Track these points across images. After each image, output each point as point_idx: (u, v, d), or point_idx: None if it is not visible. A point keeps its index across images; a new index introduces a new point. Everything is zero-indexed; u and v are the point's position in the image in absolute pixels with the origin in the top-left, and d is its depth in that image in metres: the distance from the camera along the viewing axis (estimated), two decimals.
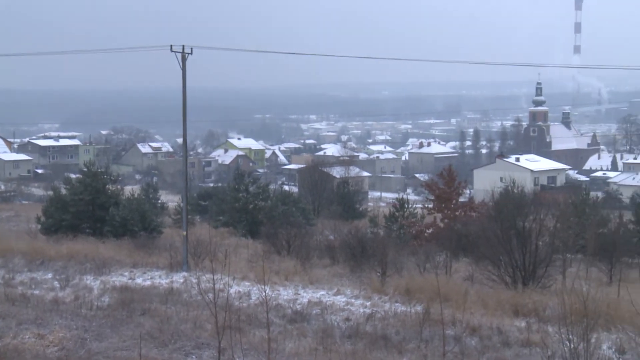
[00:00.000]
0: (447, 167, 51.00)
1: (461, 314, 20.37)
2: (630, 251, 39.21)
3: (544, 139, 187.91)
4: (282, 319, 20.41)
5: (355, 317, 20.97)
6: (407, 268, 30.27)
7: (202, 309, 19.84)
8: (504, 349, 17.73)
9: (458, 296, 22.63)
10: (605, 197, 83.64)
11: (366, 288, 25.36)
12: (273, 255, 33.69)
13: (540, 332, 18.74)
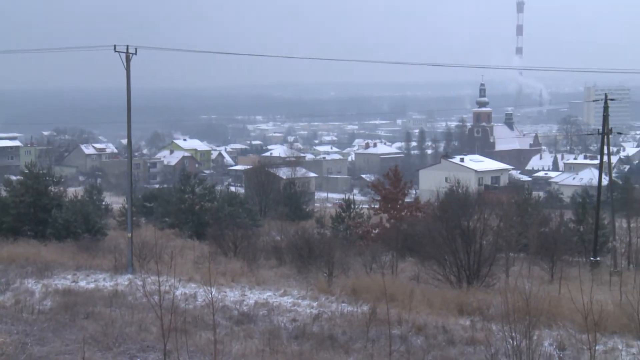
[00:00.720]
0: (393, 167, 51.36)
1: (407, 314, 20.54)
2: (570, 249, 39.94)
3: (487, 140, 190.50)
4: (229, 321, 20.32)
5: (302, 317, 20.98)
6: (353, 268, 30.39)
7: (148, 312, 19.64)
8: (449, 347, 17.92)
9: (404, 296, 22.81)
10: (547, 197, 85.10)
11: (313, 288, 25.40)
12: (219, 256, 33.52)
13: (484, 330, 18.98)
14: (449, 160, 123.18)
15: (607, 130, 44.80)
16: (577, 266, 37.29)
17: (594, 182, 69.05)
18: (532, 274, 34.22)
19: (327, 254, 29.74)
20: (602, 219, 45.03)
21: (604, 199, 47.96)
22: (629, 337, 18.06)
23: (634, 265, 40.37)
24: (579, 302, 15.78)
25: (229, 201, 51.36)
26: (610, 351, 17.60)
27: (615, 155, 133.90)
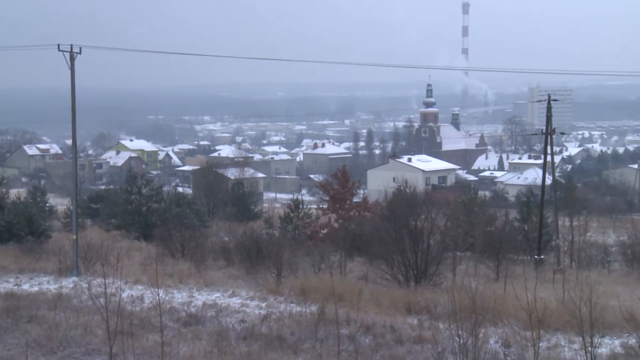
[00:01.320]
0: (341, 167, 51.50)
1: (355, 313, 20.64)
2: (515, 248, 40.55)
3: (434, 140, 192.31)
4: (176, 322, 20.16)
5: (251, 318, 20.93)
6: (302, 268, 30.41)
7: (93, 314, 19.38)
8: (396, 346, 18.05)
9: (352, 295, 22.91)
10: (493, 196, 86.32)
11: (261, 289, 25.36)
12: (167, 257, 33.24)
13: (432, 329, 19.18)
14: (396, 160, 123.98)
15: (550, 130, 45.59)
16: (521, 264, 37.87)
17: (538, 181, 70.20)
18: (478, 273, 34.64)
19: (276, 254, 29.72)
20: (546, 217, 45.80)
21: (548, 198, 48.79)
22: (571, 334, 18.41)
23: (576, 262, 41.16)
24: (524, 300, 16.02)
25: (177, 202, 50.96)
26: (554, 347, 17.93)
27: (558, 155, 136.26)
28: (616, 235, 51.70)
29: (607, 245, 45.26)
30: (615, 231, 55.14)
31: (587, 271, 34.34)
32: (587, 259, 41.37)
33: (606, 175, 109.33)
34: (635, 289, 28.04)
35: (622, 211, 73.26)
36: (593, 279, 25.55)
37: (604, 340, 17.92)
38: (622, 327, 18.80)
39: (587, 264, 40.04)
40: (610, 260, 41.91)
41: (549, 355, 17.16)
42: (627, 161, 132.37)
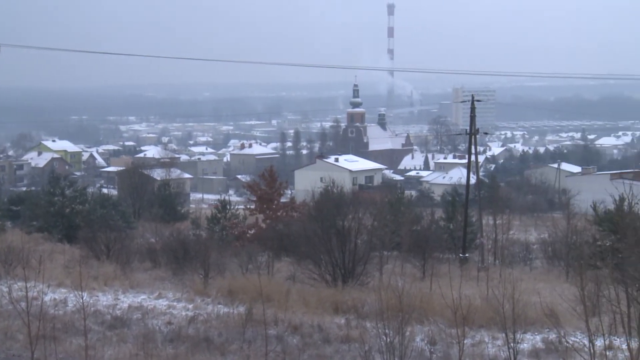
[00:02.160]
0: (269, 168, 51.40)
1: (283, 313, 20.63)
2: (441, 247, 41.15)
3: (361, 140, 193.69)
4: (101, 326, 19.82)
5: (178, 320, 20.72)
6: (229, 269, 30.26)
7: (14, 319, 18.88)
8: (324, 345, 18.11)
9: (280, 296, 22.90)
10: (419, 196, 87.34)
11: (189, 290, 25.14)
12: (91, 260, 32.62)
13: (359, 328, 19.31)
14: (323, 160, 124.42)
15: (474, 130, 46.45)
16: (447, 263, 38.48)
17: (462, 180, 71.35)
18: (404, 272, 35.03)
19: (203, 255, 29.48)
20: (471, 216, 46.62)
21: (472, 197, 49.68)
22: (495, 330, 18.79)
23: (499, 260, 42.01)
24: (449, 298, 16.28)
25: (102, 203, 50.06)
26: (478, 344, 18.27)
27: (482, 154, 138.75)
28: (537, 233, 52.95)
29: (529, 243, 46.34)
30: (537, 229, 56.45)
31: (510, 269, 35.12)
32: (510, 257, 42.27)
33: (528, 174, 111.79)
34: (555, 286, 28.78)
35: (543, 209, 75.02)
36: (516, 276, 26.13)
37: (526, 336, 18.33)
38: (543, 322, 19.27)
39: (510, 261, 40.92)
40: (532, 258, 42.92)
41: (473, 351, 17.47)
42: (548, 160, 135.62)
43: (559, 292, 23.17)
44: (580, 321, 16.35)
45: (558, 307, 20.62)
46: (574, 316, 18.87)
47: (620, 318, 19.29)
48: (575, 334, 17.31)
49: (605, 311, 19.87)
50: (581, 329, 16.84)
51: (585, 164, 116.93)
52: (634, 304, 19.76)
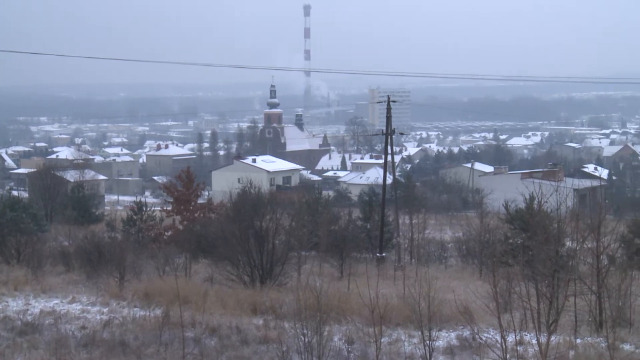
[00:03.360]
0: (185, 169, 50.89)
1: (201, 315, 20.47)
2: (358, 246, 41.51)
3: (279, 140, 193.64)
4: (11, 332, 19.27)
5: (92, 324, 20.32)
6: (146, 272, 29.85)
7: None
8: (242, 347, 18.04)
9: (198, 297, 22.71)
10: (336, 196, 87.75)
11: (103, 294, 24.70)
12: (1, 264, 31.70)
13: (277, 329, 19.31)
14: (241, 161, 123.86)
15: (390, 130, 47.02)
16: (364, 262, 38.85)
17: (379, 180, 72.11)
18: (323, 272, 35.20)
19: (118, 258, 29.01)
20: (387, 216, 47.14)
21: (389, 197, 50.26)
22: (411, 328, 19.05)
23: (416, 259, 42.62)
24: (366, 297, 16.45)
25: (11, 206, 48.49)
26: (394, 342, 18.50)
27: (398, 154, 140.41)
28: (452, 232, 53.93)
29: (444, 242, 47.15)
30: (452, 228, 57.49)
31: (426, 267, 35.68)
32: (425, 256, 42.94)
33: (443, 174, 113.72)
34: (469, 283, 29.36)
35: (458, 208, 76.40)
36: (431, 274, 26.53)
37: (441, 333, 18.66)
38: (458, 320, 19.64)
39: (426, 260, 41.58)
40: (447, 256, 43.69)
41: (390, 350, 17.68)
42: (462, 160, 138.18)
43: (472, 289, 23.62)
44: (493, 317, 16.74)
45: (472, 304, 21.06)
46: (487, 313, 19.31)
47: (531, 314, 19.84)
48: (488, 331, 17.74)
49: (516, 307, 20.40)
50: (494, 325, 17.23)
51: (498, 163, 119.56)
52: (543, 299, 20.37)
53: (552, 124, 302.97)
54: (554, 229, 24.04)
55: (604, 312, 20.91)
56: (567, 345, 17.72)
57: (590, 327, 20.84)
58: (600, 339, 18.16)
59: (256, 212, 32.59)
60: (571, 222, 23.31)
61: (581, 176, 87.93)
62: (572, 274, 21.26)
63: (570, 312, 20.97)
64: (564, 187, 29.72)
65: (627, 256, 29.45)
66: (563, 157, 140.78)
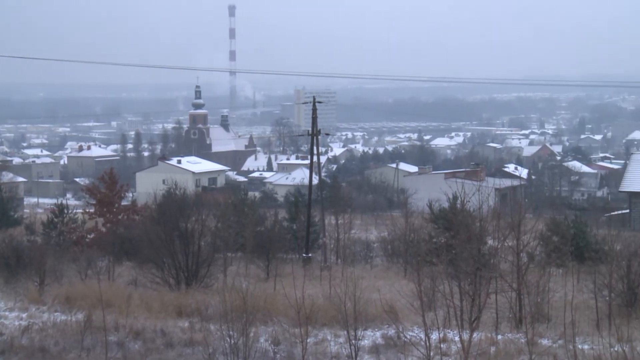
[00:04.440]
0: (109, 170, 50.03)
1: (125, 319, 20.16)
2: (285, 247, 41.51)
3: (204, 141, 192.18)
4: None
5: (10, 330, 19.79)
6: (67, 276, 29.27)
7: None
8: (167, 350, 17.85)
9: (121, 301, 22.37)
10: (262, 197, 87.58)
11: (22, 299, 24.11)
12: None
13: (203, 331, 19.16)
14: (166, 162, 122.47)
15: (316, 131, 47.19)
16: (291, 263, 38.88)
17: (305, 181, 72.21)
18: (249, 273, 35.11)
19: (38, 262, 28.34)
20: (313, 216, 47.27)
21: (315, 198, 50.38)
22: (337, 328, 19.15)
23: (342, 259, 42.85)
24: (292, 298, 16.46)
25: None
26: (321, 342, 18.56)
27: (324, 155, 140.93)
28: (378, 232, 54.35)
29: (370, 242, 47.51)
30: (377, 228, 57.94)
31: (352, 267, 35.92)
32: (351, 256, 43.19)
33: (368, 174, 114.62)
34: (394, 282, 29.69)
35: (383, 208, 77.06)
36: (357, 274, 26.76)
37: (366, 332, 18.82)
38: (383, 319, 19.83)
39: (352, 260, 41.83)
40: (372, 256, 44.04)
41: (316, 350, 17.73)
42: (387, 160, 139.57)
43: (397, 288, 23.91)
44: (418, 316, 16.98)
45: (397, 303, 21.31)
46: (412, 311, 19.58)
47: (454, 311, 20.19)
48: (412, 329, 17.95)
49: (440, 305, 20.74)
50: (418, 323, 17.46)
51: (422, 163, 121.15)
52: (466, 297, 20.76)
53: (475, 124, 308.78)
54: (476, 228, 24.51)
55: (524, 309, 21.42)
56: (488, 341, 18.07)
57: (510, 323, 21.31)
58: (520, 335, 18.59)
59: (181, 214, 32.31)
60: (493, 221, 23.81)
61: (502, 176, 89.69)
62: (494, 272, 21.71)
63: (491, 309, 21.42)
64: (485, 187, 30.32)
65: (546, 254, 30.22)
66: (485, 157, 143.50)
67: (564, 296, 21.89)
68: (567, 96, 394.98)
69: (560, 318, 18.97)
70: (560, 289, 24.22)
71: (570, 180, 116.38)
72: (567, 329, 16.39)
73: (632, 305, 23.91)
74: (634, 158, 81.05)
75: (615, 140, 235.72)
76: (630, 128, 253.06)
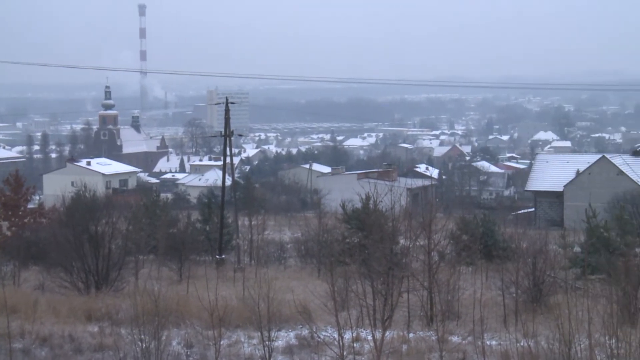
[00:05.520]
0: (14, 172, 48.59)
1: (31, 325, 19.61)
2: (198, 249, 41.20)
3: (115, 143, 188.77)
4: None
5: None
6: None
7: None
8: (75, 356, 17.46)
9: (27, 306, 21.75)
10: (175, 198, 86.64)
11: None
12: None
13: (113, 335, 18.80)
14: (74, 164, 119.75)
15: (229, 132, 46.97)
16: (204, 265, 38.59)
17: (218, 182, 71.80)
18: (161, 275, 34.69)
19: None
20: (227, 218, 47.04)
21: (228, 199, 50.13)
22: (251, 329, 19.09)
23: (255, 260, 42.77)
24: (206, 300, 16.32)
25: None
26: (234, 344, 18.47)
27: (237, 156, 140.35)
28: (291, 232, 54.51)
29: (284, 243, 47.60)
30: (291, 228, 58.09)
31: (266, 268, 35.90)
32: (265, 257, 43.18)
33: (282, 175, 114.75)
34: (308, 283, 29.81)
35: (297, 209, 77.33)
36: (271, 275, 26.77)
37: (280, 333, 18.82)
38: (297, 319, 19.88)
39: (266, 261, 41.83)
40: (286, 257, 44.15)
41: (229, 352, 17.63)
42: (300, 161, 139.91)
43: (311, 289, 24.01)
44: (331, 316, 17.07)
45: (310, 303, 21.39)
46: (325, 311, 19.69)
47: (367, 311, 20.41)
48: (326, 329, 18.06)
49: (353, 305, 20.93)
50: (332, 323, 17.57)
51: (335, 164, 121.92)
52: (378, 296, 21.01)
53: (387, 125, 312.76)
54: (388, 228, 24.84)
55: (435, 307, 21.82)
56: (400, 340, 18.33)
57: (422, 321, 21.68)
58: (431, 333, 18.92)
59: (91, 216, 31.65)
60: (404, 221, 24.17)
61: (414, 176, 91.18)
62: (406, 271, 22.04)
63: (403, 307, 21.73)
64: (397, 187, 30.78)
65: (456, 252, 30.85)
66: (397, 158, 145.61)
67: (473, 294, 22.39)
68: (475, 97, 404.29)
69: (469, 315, 19.38)
70: (469, 287, 24.78)
71: (479, 180, 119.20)
72: (476, 325, 16.75)
73: (538, 301, 24.66)
74: (539, 158, 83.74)
75: (521, 140, 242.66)
76: (535, 129, 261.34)
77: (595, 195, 62.89)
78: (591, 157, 77.23)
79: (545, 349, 14.84)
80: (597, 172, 70.08)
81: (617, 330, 13.90)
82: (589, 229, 31.97)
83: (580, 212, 38.03)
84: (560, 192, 70.96)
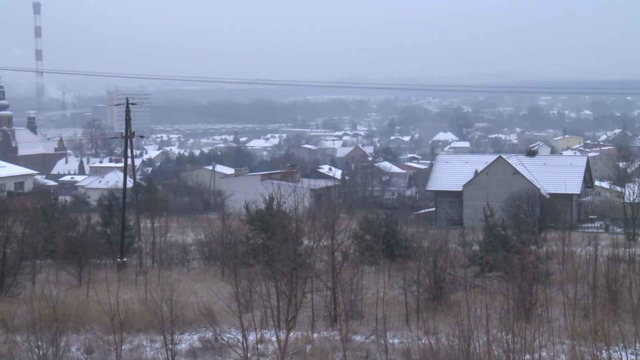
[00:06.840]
0: None
1: None
2: (98, 252, 40.34)
3: (9, 144, 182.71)
4: None
5: None
6: None
7: None
8: None
9: None
10: (74, 201, 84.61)
11: None
12: None
13: (8, 343, 18.21)
14: None
15: (130, 133, 46.13)
16: (105, 268, 37.79)
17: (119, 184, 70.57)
18: (60, 280, 33.77)
19: None
20: (128, 220, 46.20)
21: (130, 201, 49.23)
22: (153, 333, 18.83)
23: (158, 263, 42.18)
24: (106, 304, 16.00)
25: None
26: (136, 349, 18.18)
27: (139, 158, 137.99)
28: (195, 234, 53.99)
29: (187, 245, 47.11)
30: (194, 230, 57.53)
31: (169, 271, 35.43)
32: (168, 259, 42.62)
33: (184, 176, 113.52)
34: (212, 285, 29.58)
35: (200, 211, 76.61)
36: (174, 278, 26.45)
37: (183, 336, 18.64)
38: (200, 322, 19.73)
39: (169, 263, 41.29)
40: (189, 259, 43.67)
41: (131, 356, 17.35)
42: (203, 163, 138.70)
43: (215, 291, 23.84)
44: (235, 318, 17.01)
45: (214, 305, 21.24)
46: (229, 313, 19.60)
47: (271, 312, 20.40)
48: (230, 331, 17.98)
49: (257, 306, 20.90)
50: (236, 325, 17.51)
51: (238, 165, 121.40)
52: (282, 297, 21.04)
53: (290, 126, 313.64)
54: (292, 229, 24.90)
55: (338, 307, 22.00)
56: (304, 340, 18.42)
57: (326, 321, 21.84)
58: (335, 332, 19.08)
59: None
60: (308, 221, 24.29)
61: (317, 177, 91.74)
62: (310, 272, 22.15)
63: (308, 308, 21.84)
64: (301, 188, 30.96)
65: (359, 252, 31.20)
66: (300, 158, 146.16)
67: (376, 293, 22.70)
68: (377, 98, 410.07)
69: (372, 314, 19.66)
70: (372, 286, 25.09)
71: (382, 180, 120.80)
72: (379, 324, 17.01)
73: (438, 299, 25.20)
74: (439, 158, 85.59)
75: (422, 141, 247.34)
76: (435, 129, 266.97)
77: (493, 194, 64.77)
78: (489, 158, 79.32)
79: (446, 345, 15.18)
80: (494, 172, 72.12)
81: (513, 325, 14.33)
82: (486, 228, 32.89)
83: (478, 211, 39.14)
84: (460, 192, 72.74)
